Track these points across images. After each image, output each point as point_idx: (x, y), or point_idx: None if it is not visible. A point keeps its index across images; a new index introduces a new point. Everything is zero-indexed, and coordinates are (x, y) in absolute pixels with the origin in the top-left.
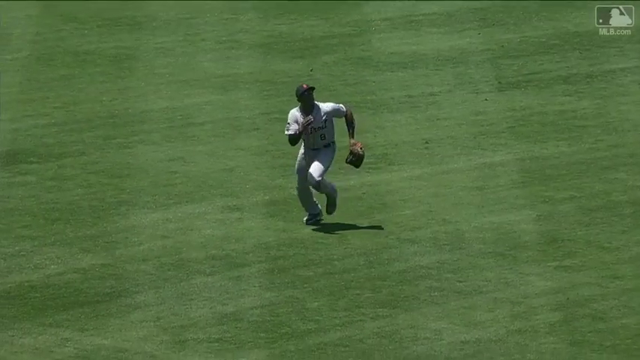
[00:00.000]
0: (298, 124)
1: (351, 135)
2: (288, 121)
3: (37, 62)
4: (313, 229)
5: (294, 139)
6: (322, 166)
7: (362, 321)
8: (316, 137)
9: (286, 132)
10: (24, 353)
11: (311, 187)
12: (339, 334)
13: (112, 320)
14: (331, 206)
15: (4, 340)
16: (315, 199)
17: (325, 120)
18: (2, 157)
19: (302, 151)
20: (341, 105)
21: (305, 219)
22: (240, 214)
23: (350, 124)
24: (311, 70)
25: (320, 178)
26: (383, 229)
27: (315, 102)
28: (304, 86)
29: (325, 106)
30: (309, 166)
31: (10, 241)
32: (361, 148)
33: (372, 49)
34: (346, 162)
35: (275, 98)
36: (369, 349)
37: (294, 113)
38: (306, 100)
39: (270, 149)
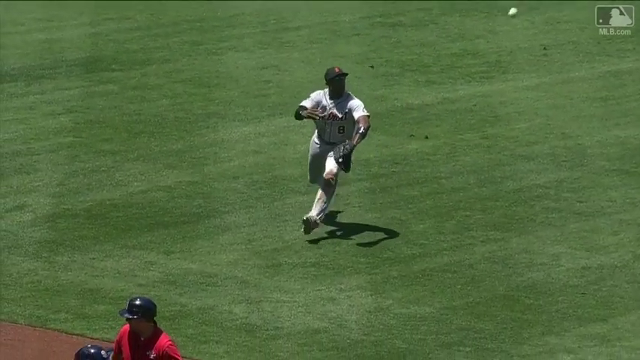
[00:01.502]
0: (315, 107)
1: (354, 139)
2: (307, 98)
3: None
4: (418, 145)
5: (297, 115)
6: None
7: (471, 245)
8: (333, 127)
9: (300, 104)
10: (105, 277)
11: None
12: (447, 259)
13: (200, 242)
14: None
15: (84, 263)
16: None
17: (347, 112)
18: (82, 64)
19: (315, 146)
20: (365, 112)
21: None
22: None
23: (360, 134)
24: None
25: (335, 179)
26: (496, 144)
27: (347, 91)
28: (336, 70)
29: (353, 101)
30: (322, 165)
31: (90, 156)
32: (347, 149)
33: None
34: (337, 161)
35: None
36: (479, 276)
37: (318, 94)
38: (336, 85)
39: (372, 56)
